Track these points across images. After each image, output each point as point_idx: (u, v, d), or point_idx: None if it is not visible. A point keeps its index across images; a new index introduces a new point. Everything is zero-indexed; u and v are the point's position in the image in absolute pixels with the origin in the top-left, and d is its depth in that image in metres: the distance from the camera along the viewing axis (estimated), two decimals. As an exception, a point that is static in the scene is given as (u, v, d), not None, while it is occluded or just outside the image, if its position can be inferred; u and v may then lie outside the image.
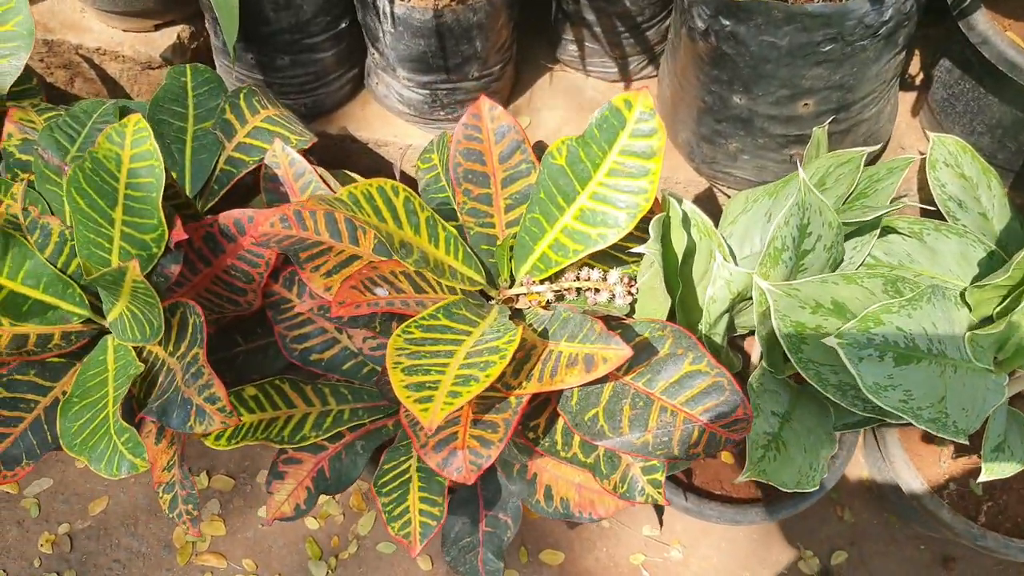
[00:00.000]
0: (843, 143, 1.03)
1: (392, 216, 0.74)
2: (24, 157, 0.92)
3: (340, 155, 1.23)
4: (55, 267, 0.82)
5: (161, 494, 0.86)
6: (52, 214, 0.86)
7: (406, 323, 0.68)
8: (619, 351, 0.64)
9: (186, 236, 0.76)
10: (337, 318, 0.70)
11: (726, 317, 0.86)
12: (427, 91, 1.13)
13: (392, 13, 1.02)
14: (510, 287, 0.82)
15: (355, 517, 1.25)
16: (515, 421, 0.65)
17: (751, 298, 0.87)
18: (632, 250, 0.74)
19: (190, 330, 0.76)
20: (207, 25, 1.19)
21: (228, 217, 0.83)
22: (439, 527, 0.76)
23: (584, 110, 1.23)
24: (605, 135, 0.72)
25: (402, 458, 0.83)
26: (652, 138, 0.72)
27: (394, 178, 1.26)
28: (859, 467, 1.26)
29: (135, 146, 0.76)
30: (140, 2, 1.17)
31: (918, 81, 1.18)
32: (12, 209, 0.81)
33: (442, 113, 1.16)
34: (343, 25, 1.13)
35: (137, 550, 1.22)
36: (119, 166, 0.76)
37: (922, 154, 1.14)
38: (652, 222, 0.74)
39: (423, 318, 0.69)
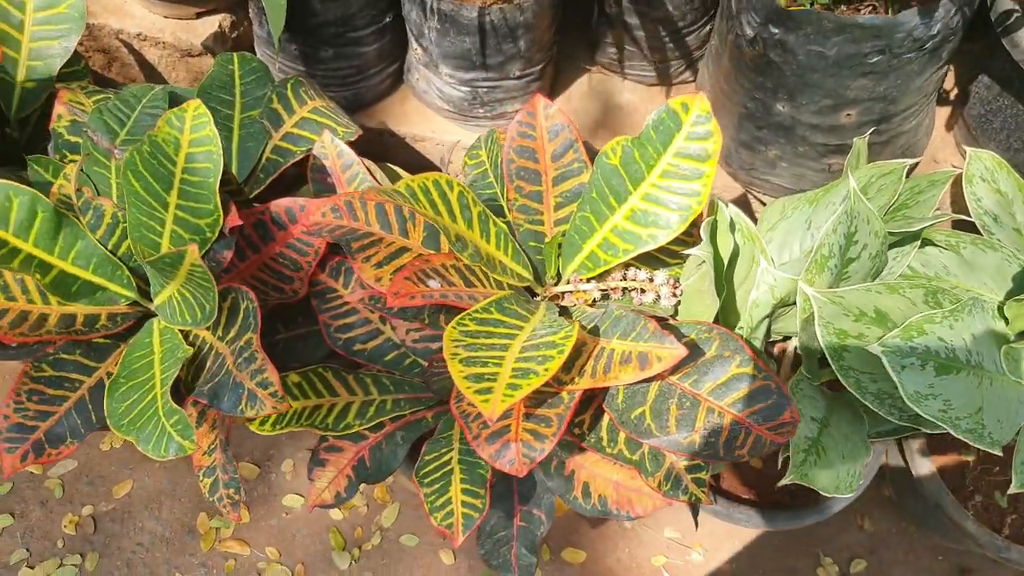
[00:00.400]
0: (882, 154, 1.04)
1: (447, 210, 0.75)
2: (73, 139, 0.93)
3: (378, 149, 1.24)
4: (106, 248, 0.83)
5: (201, 478, 0.86)
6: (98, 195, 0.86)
7: (460, 316, 0.69)
8: (673, 350, 0.65)
9: (241, 222, 0.77)
10: (387, 308, 0.71)
11: (766, 322, 0.87)
12: (468, 88, 1.14)
13: (439, 10, 1.03)
14: (556, 284, 0.83)
15: (379, 509, 1.25)
16: (568, 416, 0.66)
17: (791, 304, 0.88)
18: (685, 252, 0.75)
19: (241, 315, 0.77)
20: (251, 14, 1.20)
21: (280, 205, 0.84)
22: (481, 518, 0.77)
23: (621, 112, 1.24)
24: (661, 137, 0.73)
25: (443, 450, 0.83)
26: (707, 141, 0.73)
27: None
28: (879, 476, 1.27)
29: (194, 131, 0.77)
30: (185, -10, 1.18)
31: (953, 96, 1.19)
32: (65, 190, 0.82)
33: (481, 111, 1.17)
34: (387, 20, 1.14)
35: (161, 534, 1.23)
36: (177, 150, 0.77)
37: (955, 168, 1.15)
38: (703, 225, 0.75)
39: (476, 311, 0.70)
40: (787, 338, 1.01)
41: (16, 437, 0.80)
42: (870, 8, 0.93)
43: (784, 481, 0.75)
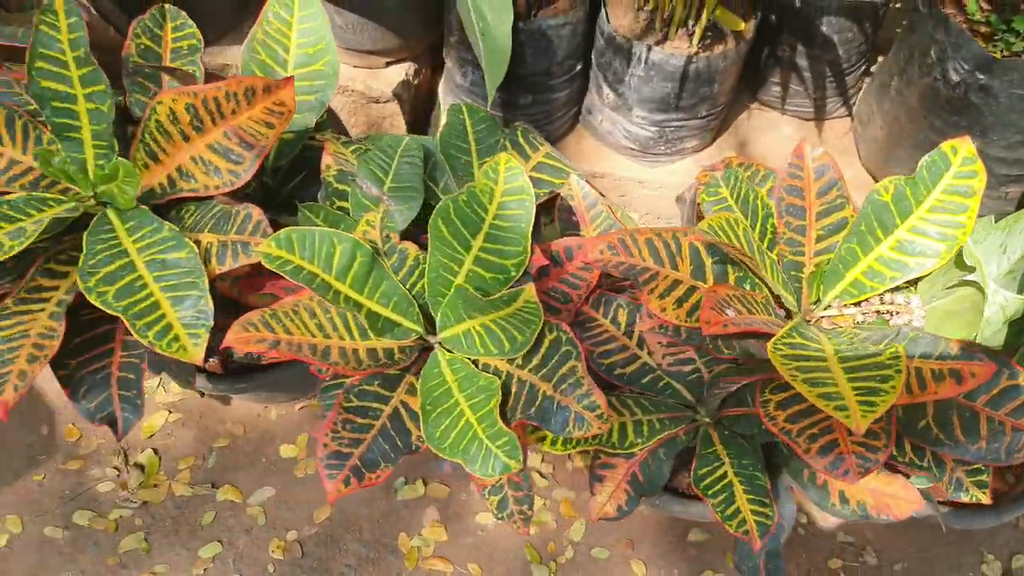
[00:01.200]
0: (1050, 182, 1.15)
1: (738, 244, 0.83)
2: (340, 186, 1.01)
3: (564, 185, 1.33)
4: (404, 288, 0.90)
5: (487, 496, 0.93)
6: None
7: (773, 342, 0.77)
8: (984, 366, 0.73)
9: (547, 262, 0.85)
10: (701, 336, 0.79)
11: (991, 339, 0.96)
12: (656, 128, 1.23)
13: (648, 59, 1.12)
14: (814, 309, 0.91)
15: (567, 524, 1.32)
16: (892, 429, 0.74)
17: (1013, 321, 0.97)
18: (967, 277, 0.84)
19: (547, 345, 0.84)
20: (448, 64, 1.29)
21: (560, 244, 0.92)
22: (774, 526, 0.85)
23: (782, 144, 1.34)
24: (931, 176, 0.82)
25: (714, 464, 0.91)
26: (973, 180, 0.82)
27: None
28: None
29: (507, 182, 0.85)
30: (383, 41, 1.27)
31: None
32: (370, 235, 0.90)
33: (663, 148, 1.27)
34: (578, 68, 1.23)
35: (365, 556, 1.29)
36: (491, 199, 0.85)
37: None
38: (965, 253, 0.84)
39: (784, 337, 0.78)
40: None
41: (335, 464, 0.86)
42: (1051, 53, 1.04)
43: (1057, 481, 0.83)
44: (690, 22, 1.13)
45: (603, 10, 1.16)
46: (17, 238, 0.82)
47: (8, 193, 0.91)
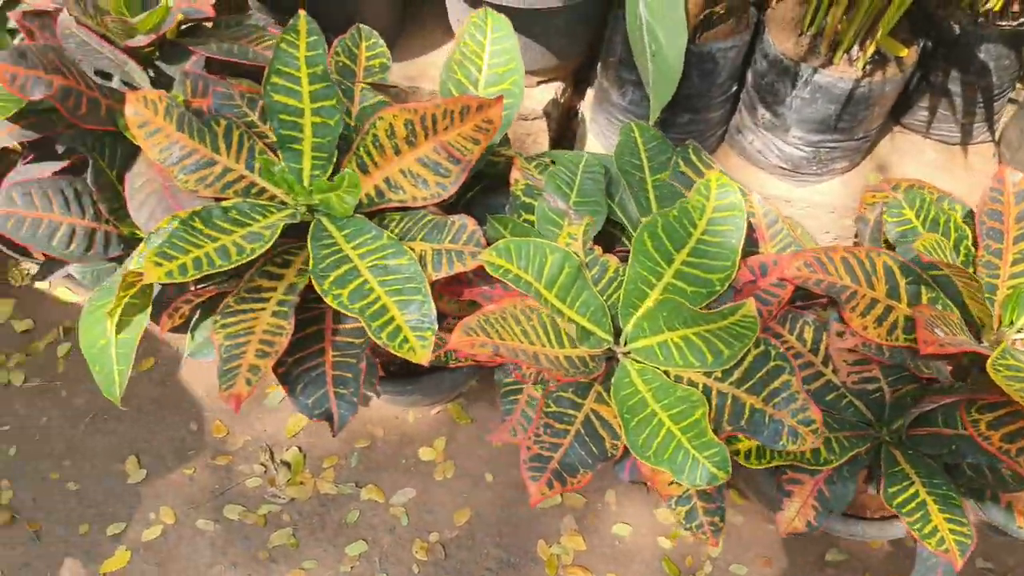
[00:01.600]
0: None
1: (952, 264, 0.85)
2: (526, 200, 1.05)
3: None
4: (601, 299, 0.93)
5: (673, 506, 0.95)
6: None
7: (992, 361, 0.78)
8: None
9: (752, 278, 0.88)
10: (919, 356, 0.81)
11: None
12: (812, 149, 1.25)
13: (814, 81, 1.15)
14: (1009, 331, 0.92)
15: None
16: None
17: None
18: None
19: (751, 359, 0.87)
20: (604, 84, 1.32)
21: (754, 261, 0.94)
22: (973, 546, 0.85)
23: (924, 167, 1.35)
24: None
25: (904, 483, 0.92)
26: None
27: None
28: None
29: (719, 199, 0.88)
30: (542, 62, 1.31)
31: None
32: (573, 247, 0.93)
33: (814, 168, 1.29)
34: (733, 89, 1.26)
35: (506, 560, 1.31)
36: (701, 215, 0.88)
37: None
38: None
39: (999, 357, 0.79)
40: None
41: (537, 467, 0.90)
42: None
43: None
44: (854, 47, 1.15)
45: (765, 34, 1.19)
46: (256, 241, 0.87)
47: (224, 199, 0.97)
